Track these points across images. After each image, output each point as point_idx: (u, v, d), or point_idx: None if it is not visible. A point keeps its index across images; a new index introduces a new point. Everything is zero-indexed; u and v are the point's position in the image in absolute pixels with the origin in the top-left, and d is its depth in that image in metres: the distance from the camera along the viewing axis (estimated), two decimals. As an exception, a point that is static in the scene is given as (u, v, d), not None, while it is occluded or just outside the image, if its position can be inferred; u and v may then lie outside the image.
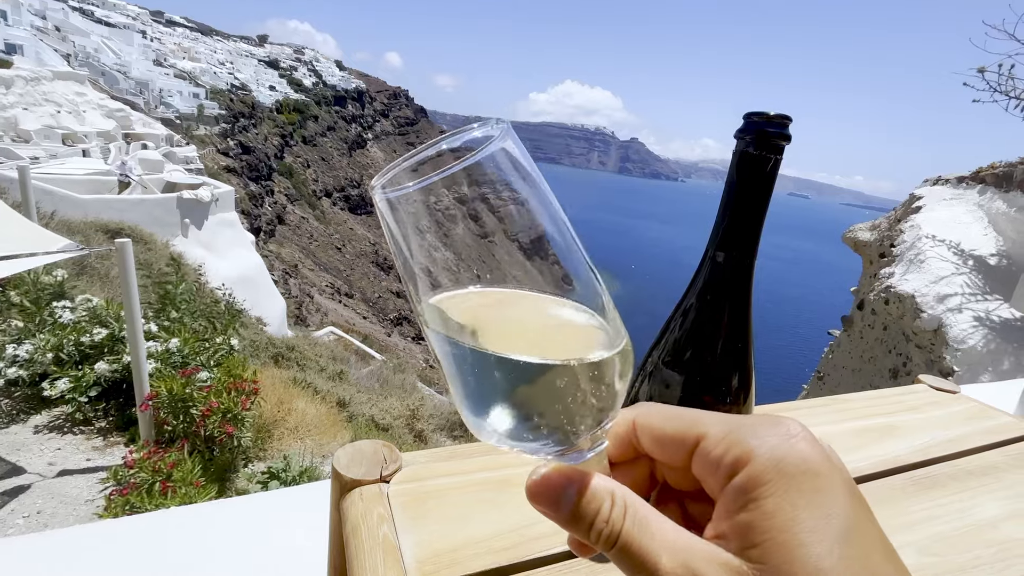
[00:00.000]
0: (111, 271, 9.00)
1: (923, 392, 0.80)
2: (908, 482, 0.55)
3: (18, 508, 4.06)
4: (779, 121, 0.39)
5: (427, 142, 0.26)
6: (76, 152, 20.96)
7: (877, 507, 0.51)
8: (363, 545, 0.35)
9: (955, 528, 0.48)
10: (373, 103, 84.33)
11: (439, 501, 0.42)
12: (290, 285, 37.19)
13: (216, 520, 0.89)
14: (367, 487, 0.40)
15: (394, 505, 0.39)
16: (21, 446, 4.68)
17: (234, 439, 4.34)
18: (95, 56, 41.65)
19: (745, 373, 0.45)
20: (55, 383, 4.76)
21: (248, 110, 54.42)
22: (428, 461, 0.45)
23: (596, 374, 0.23)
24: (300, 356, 9.53)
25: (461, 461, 0.46)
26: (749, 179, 0.41)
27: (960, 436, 0.66)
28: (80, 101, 26.00)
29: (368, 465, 0.42)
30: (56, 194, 12.01)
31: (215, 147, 44.87)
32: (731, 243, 0.43)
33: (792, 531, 0.18)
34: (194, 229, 14.94)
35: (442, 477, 0.44)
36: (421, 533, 0.38)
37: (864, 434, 0.64)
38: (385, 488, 0.41)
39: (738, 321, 0.44)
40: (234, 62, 65.95)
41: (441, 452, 0.47)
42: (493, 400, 0.24)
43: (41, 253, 4.51)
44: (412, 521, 0.39)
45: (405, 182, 0.24)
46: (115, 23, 54.59)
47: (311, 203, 56.82)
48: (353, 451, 0.43)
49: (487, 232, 0.26)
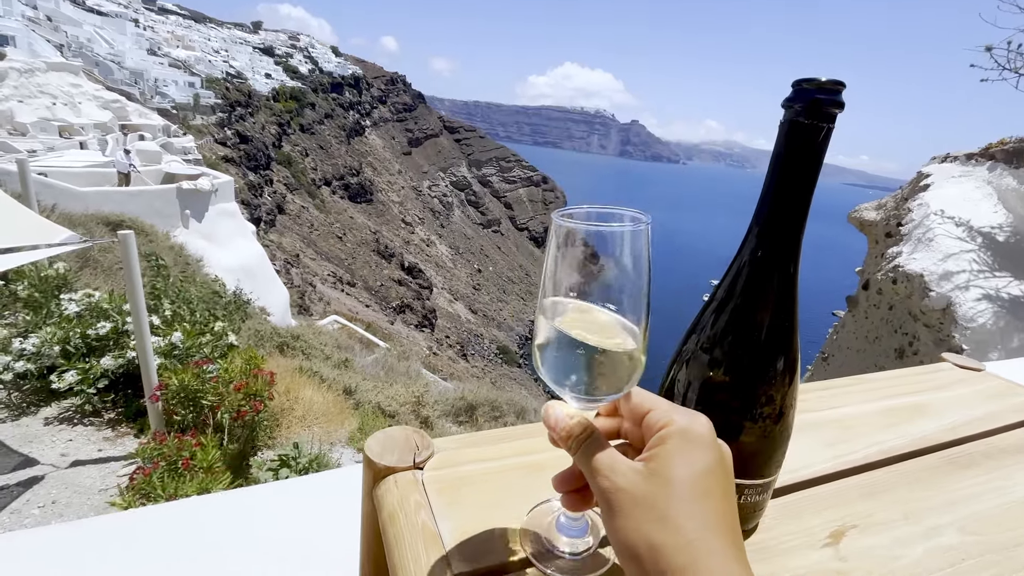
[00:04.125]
0: (114, 264, 9.00)
1: (948, 370, 0.79)
2: (943, 461, 0.55)
3: (33, 499, 4.12)
4: (832, 87, 0.37)
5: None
6: (73, 144, 20.82)
7: (916, 486, 0.50)
8: (402, 532, 0.34)
9: (995, 506, 0.48)
10: (370, 89, 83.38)
11: (473, 487, 0.41)
12: (292, 275, 37.23)
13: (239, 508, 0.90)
14: (401, 474, 0.40)
15: (429, 491, 0.39)
16: (33, 438, 4.73)
17: (254, 423, 4.39)
18: (88, 46, 41.17)
19: (791, 355, 0.44)
20: (63, 375, 4.79)
21: (244, 99, 53.90)
22: (459, 447, 0.45)
23: (615, 362, 0.38)
24: (305, 345, 9.57)
25: (492, 447, 0.46)
26: (799, 150, 0.38)
27: (989, 414, 0.65)
28: (75, 92, 25.76)
29: (400, 452, 0.41)
30: (56, 187, 11.97)
31: (212, 137, 44.54)
32: (779, 218, 0.40)
33: (671, 456, 0.33)
34: (194, 220, 14.91)
35: (474, 463, 0.43)
36: (459, 520, 0.37)
37: (893, 413, 0.63)
38: (419, 475, 0.40)
39: (785, 302, 0.43)
40: (228, 50, 65.14)
41: (470, 438, 0.47)
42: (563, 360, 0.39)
43: (44, 245, 4.51)
44: (448, 507, 0.38)
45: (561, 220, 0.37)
46: (107, 12, 53.83)
47: (311, 192, 56.57)
48: (385, 438, 0.42)
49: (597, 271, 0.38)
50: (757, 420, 0.44)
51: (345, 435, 5.92)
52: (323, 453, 4.84)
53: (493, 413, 8.64)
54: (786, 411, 0.45)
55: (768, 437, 0.45)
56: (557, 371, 0.38)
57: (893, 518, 0.45)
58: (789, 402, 0.45)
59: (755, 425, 0.44)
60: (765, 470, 0.45)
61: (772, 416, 0.44)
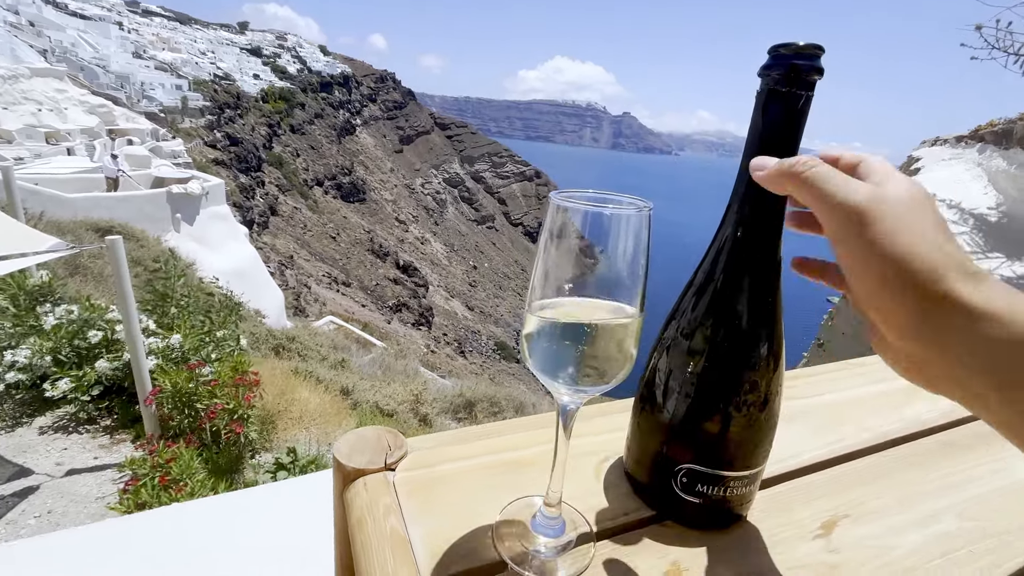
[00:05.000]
0: (104, 270, 8.92)
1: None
2: (938, 444, 0.53)
3: (29, 509, 4.09)
4: (810, 52, 0.34)
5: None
6: (60, 151, 20.60)
7: (910, 471, 0.48)
8: (370, 540, 0.32)
9: (991, 490, 0.46)
10: (360, 88, 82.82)
11: (448, 487, 0.39)
12: (287, 276, 37.07)
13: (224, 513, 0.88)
14: (371, 476, 0.38)
15: (401, 494, 0.37)
16: (27, 448, 4.69)
17: (243, 434, 4.35)
18: (72, 51, 40.65)
19: (775, 339, 0.42)
20: (56, 383, 4.74)
21: (233, 100, 53.43)
22: (434, 446, 0.43)
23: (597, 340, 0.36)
24: (301, 347, 9.54)
25: (468, 445, 0.44)
26: (778, 120, 0.36)
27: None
28: (61, 98, 25.47)
29: (371, 453, 0.39)
30: (43, 194, 11.85)
31: (202, 140, 44.16)
32: (759, 195, 0.38)
33: (895, 174, 0.33)
34: (185, 224, 14.79)
35: (449, 462, 0.41)
36: (431, 523, 0.35)
37: (886, 396, 0.62)
38: (391, 476, 0.38)
39: (766, 282, 0.41)
40: (215, 51, 64.52)
41: (446, 436, 0.45)
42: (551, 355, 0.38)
43: (31, 253, 4.45)
44: (421, 510, 0.36)
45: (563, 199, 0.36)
46: (90, 15, 53.16)
47: (303, 193, 56.24)
48: (355, 439, 0.40)
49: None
50: (741, 408, 0.42)
51: (343, 435, 5.91)
52: (321, 454, 4.82)
53: (492, 409, 8.64)
54: (771, 398, 0.43)
55: (753, 426, 0.43)
56: (547, 360, 0.37)
57: (887, 505, 0.43)
58: (774, 388, 0.43)
59: (739, 414, 0.42)
60: (751, 460, 0.43)
61: (757, 404, 0.42)
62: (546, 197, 0.37)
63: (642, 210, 0.35)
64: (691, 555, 0.36)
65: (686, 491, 0.43)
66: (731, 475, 0.43)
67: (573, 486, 0.37)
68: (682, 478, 0.43)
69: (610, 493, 0.40)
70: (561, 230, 0.35)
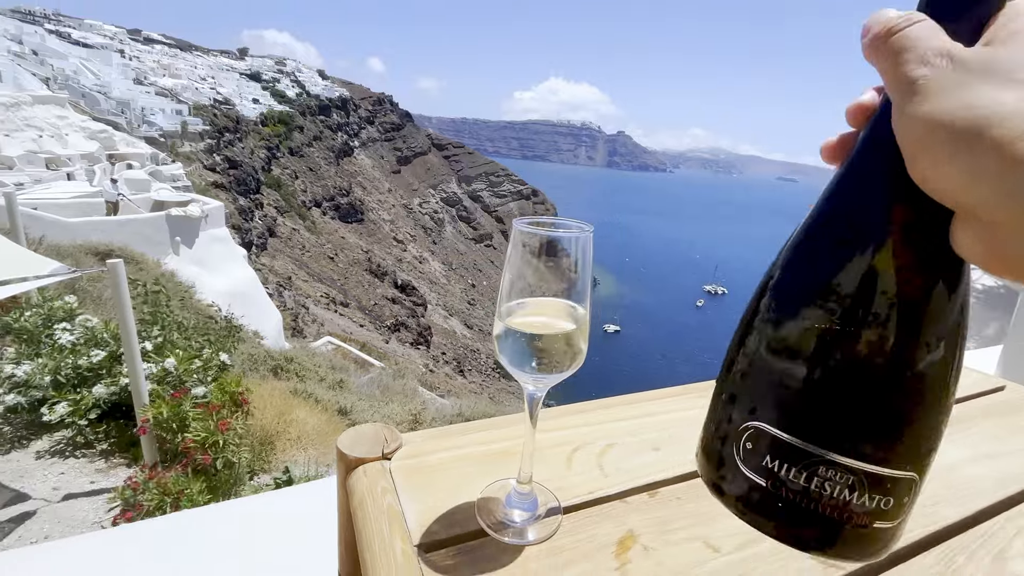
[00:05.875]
0: (103, 293, 8.96)
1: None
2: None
3: (25, 535, 4.06)
4: None
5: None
6: (61, 176, 20.76)
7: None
8: (370, 514, 0.38)
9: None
10: (358, 110, 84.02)
11: (437, 473, 0.45)
12: (285, 297, 37.02)
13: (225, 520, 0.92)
14: (370, 464, 0.43)
15: (396, 478, 0.43)
16: (24, 472, 4.67)
17: (224, 460, 4.34)
18: (74, 78, 41.30)
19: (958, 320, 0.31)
20: (54, 407, 4.75)
21: (233, 124, 54.10)
22: (424, 440, 0.49)
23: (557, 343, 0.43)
24: (299, 367, 9.52)
25: (454, 438, 0.50)
26: None
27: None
28: (62, 124, 25.78)
29: (370, 444, 0.45)
30: (44, 219, 11.93)
31: (201, 163, 44.57)
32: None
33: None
34: (185, 247, 14.87)
35: (438, 452, 0.47)
36: (422, 501, 0.41)
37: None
38: (387, 464, 0.44)
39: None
40: (215, 77, 65.58)
41: (435, 432, 0.51)
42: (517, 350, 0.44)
43: (32, 277, 4.51)
44: (413, 491, 0.42)
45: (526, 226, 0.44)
46: (92, 44, 54.19)
47: (301, 214, 56.57)
48: (356, 433, 0.46)
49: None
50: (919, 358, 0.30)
51: (341, 456, 5.89)
52: (319, 475, 4.81)
53: (490, 427, 8.58)
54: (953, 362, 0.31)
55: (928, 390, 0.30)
56: (513, 354, 0.44)
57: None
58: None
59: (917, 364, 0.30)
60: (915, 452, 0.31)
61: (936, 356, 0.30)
62: (543, 215, 0.45)
63: (586, 232, 0.42)
64: (644, 523, 0.41)
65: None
66: (886, 474, 0.30)
67: (547, 471, 0.43)
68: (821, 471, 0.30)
69: (578, 477, 0.46)
70: (522, 249, 0.42)
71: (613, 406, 0.57)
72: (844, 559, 0.32)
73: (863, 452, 0.30)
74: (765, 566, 0.38)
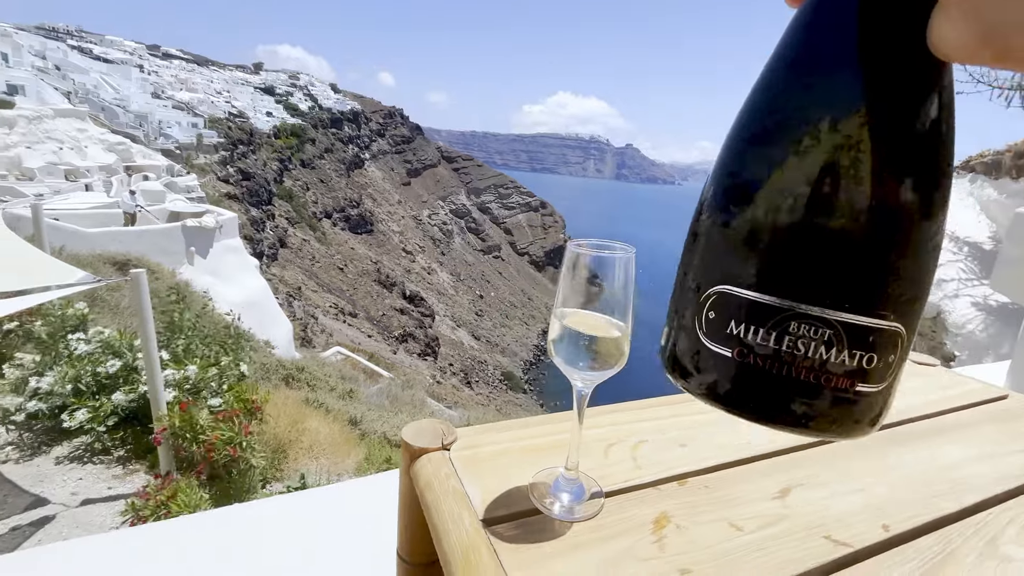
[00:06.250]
0: (121, 302, 9.14)
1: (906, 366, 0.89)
2: (886, 438, 0.64)
3: (45, 538, 4.14)
4: None
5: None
6: (79, 187, 21.25)
7: (852, 461, 0.60)
8: (438, 495, 0.44)
9: (923, 471, 0.57)
10: (369, 123, 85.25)
11: (489, 462, 0.51)
12: (294, 307, 37.32)
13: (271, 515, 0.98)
14: (433, 453, 0.50)
15: (456, 465, 0.49)
16: (44, 477, 4.77)
17: (243, 462, 4.41)
18: (95, 92, 42.39)
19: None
20: (74, 414, 4.85)
21: (246, 137, 55.10)
22: (476, 434, 0.55)
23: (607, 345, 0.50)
24: (310, 377, 9.62)
25: (502, 432, 0.56)
26: None
27: (933, 401, 0.75)
28: (81, 137, 26.43)
29: (431, 437, 0.52)
30: (64, 229, 12.22)
31: (215, 175, 45.37)
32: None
33: None
34: (199, 257, 15.12)
35: (490, 445, 0.54)
36: (480, 484, 0.48)
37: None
38: (447, 454, 0.50)
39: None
40: (231, 90, 66.96)
41: (485, 427, 0.57)
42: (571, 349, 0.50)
43: (54, 287, 4.63)
44: (471, 476, 0.48)
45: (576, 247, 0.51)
46: (113, 59, 55.65)
47: (312, 225, 57.24)
48: (417, 427, 0.53)
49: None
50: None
51: (352, 465, 5.93)
52: (331, 484, 4.85)
53: (499, 439, 8.59)
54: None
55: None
56: (568, 353, 0.49)
57: (832, 479, 0.54)
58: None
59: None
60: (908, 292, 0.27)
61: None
62: (552, 227, 0.51)
63: (629, 253, 0.48)
64: (676, 506, 0.47)
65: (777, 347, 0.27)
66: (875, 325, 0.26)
67: (588, 462, 0.49)
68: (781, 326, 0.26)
69: (615, 467, 0.53)
70: (574, 267, 0.48)
71: (642, 408, 0.63)
72: (826, 433, 0.29)
73: (837, 300, 0.26)
74: (781, 543, 0.43)
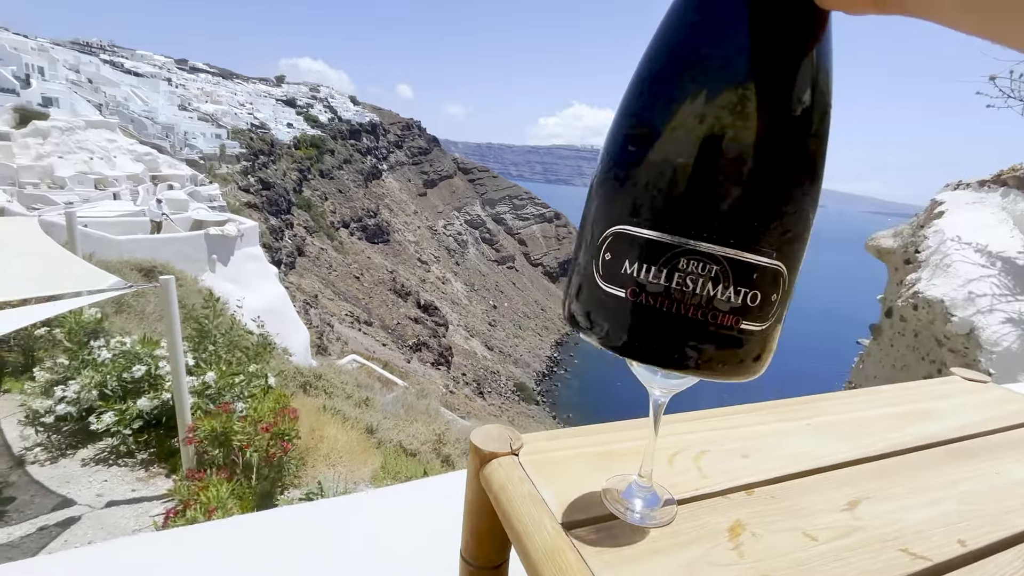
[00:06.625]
0: (146, 308, 9.36)
1: (956, 382, 0.88)
2: (945, 455, 0.64)
3: (71, 539, 4.22)
4: None
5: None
6: (107, 195, 21.91)
7: (917, 473, 0.60)
8: (513, 499, 0.46)
9: (989, 486, 0.57)
10: (387, 135, 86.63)
11: (560, 468, 0.52)
12: (311, 315, 37.77)
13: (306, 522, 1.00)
14: (503, 458, 0.51)
15: (528, 470, 0.50)
16: (70, 479, 4.87)
17: (281, 463, 4.48)
18: (125, 104, 43.83)
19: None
20: (101, 416, 4.96)
21: (267, 147, 56.36)
22: (542, 440, 0.56)
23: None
24: (327, 384, 9.70)
25: (568, 439, 0.57)
26: None
27: (992, 417, 0.74)
28: (111, 147, 27.31)
29: (499, 442, 0.53)
30: (93, 236, 12.59)
31: (236, 184, 46.41)
32: None
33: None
34: (220, 264, 15.43)
35: (556, 451, 0.55)
36: (553, 489, 0.49)
37: (902, 417, 0.73)
38: (516, 459, 0.52)
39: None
40: (253, 102, 68.67)
41: (551, 433, 0.58)
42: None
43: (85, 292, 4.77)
44: (545, 481, 0.49)
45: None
46: (143, 73, 57.57)
47: (329, 234, 58.09)
48: (484, 432, 0.54)
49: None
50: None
51: (368, 473, 5.95)
52: (348, 492, 4.88)
53: (515, 450, 8.55)
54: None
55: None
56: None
57: (902, 493, 0.54)
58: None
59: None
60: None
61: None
62: (566, 239, 0.50)
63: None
64: (748, 515, 0.48)
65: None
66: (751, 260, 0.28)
67: (655, 470, 0.49)
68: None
69: (681, 476, 0.53)
70: None
71: (698, 419, 0.64)
72: (715, 373, 0.31)
73: (723, 235, 0.28)
74: (857, 554, 0.43)
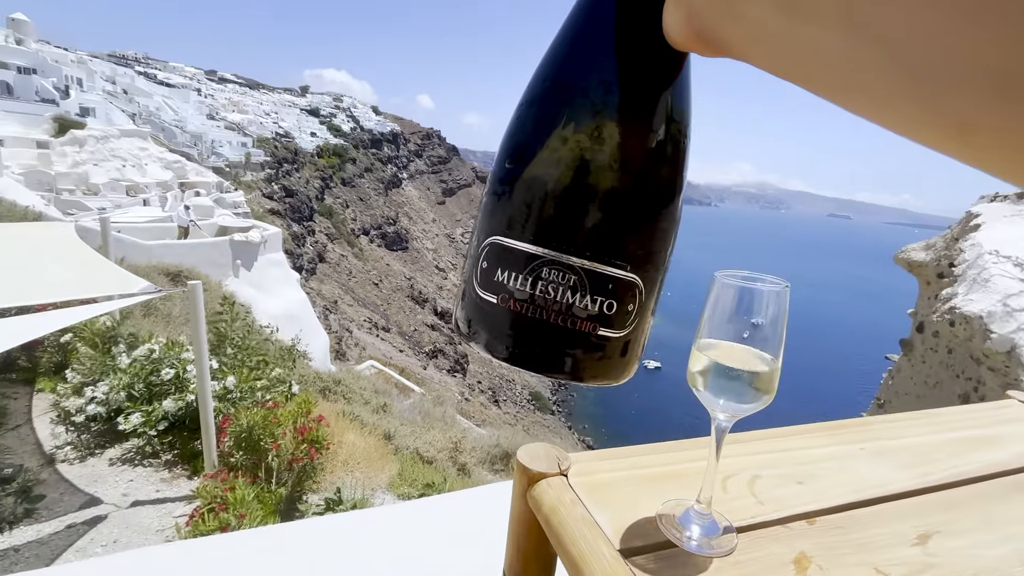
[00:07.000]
0: (172, 311, 9.58)
1: (1016, 406, 0.84)
2: (1015, 485, 0.60)
3: (97, 537, 4.30)
4: None
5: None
6: (137, 202, 22.61)
7: (988, 505, 0.56)
8: (566, 521, 0.44)
9: (1068, 522, 0.53)
10: (407, 144, 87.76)
11: (610, 489, 0.50)
12: (330, 321, 38.23)
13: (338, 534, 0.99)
14: (552, 479, 0.50)
15: (579, 492, 0.49)
16: (98, 478, 4.98)
17: (308, 468, 4.52)
18: (156, 114, 45.31)
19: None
20: (129, 417, 5.08)
21: (291, 156, 57.58)
22: (591, 460, 0.55)
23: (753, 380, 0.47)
24: (346, 389, 9.76)
25: (618, 460, 0.55)
26: None
27: (1060, 444, 0.70)
28: (143, 155, 28.23)
29: (547, 461, 0.51)
30: (124, 241, 12.96)
31: (260, 191, 47.46)
32: None
33: None
34: (244, 270, 15.74)
35: (605, 472, 0.53)
36: (607, 513, 0.47)
37: (964, 443, 0.69)
38: (565, 480, 0.50)
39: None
40: (278, 112, 70.31)
41: (599, 453, 0.56)
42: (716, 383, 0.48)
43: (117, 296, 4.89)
44: (597, 503, 0.48)
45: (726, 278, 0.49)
46: (175, 83, 59.49)
47: (350, 241, 58.91)
48: (531, 451, 0.53)
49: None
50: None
51: (385, 480, 5.95)
52: (365, 498, 4.88)
53: (531, 460, 8.47)
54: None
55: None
56: (712, 387, 0.46)
57: (974, 527, 0.51)
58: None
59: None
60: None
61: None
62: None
63: (781, 286, 0.45)
64: (813, 546, 0.45)
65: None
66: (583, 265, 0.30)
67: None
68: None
69: (736, 502, 0.51)
70: (721, 298, 0.47)
71: (747, 441, 0.62)
72: (576, 376, 0.32)
73: (580, 249, 0.30)
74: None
